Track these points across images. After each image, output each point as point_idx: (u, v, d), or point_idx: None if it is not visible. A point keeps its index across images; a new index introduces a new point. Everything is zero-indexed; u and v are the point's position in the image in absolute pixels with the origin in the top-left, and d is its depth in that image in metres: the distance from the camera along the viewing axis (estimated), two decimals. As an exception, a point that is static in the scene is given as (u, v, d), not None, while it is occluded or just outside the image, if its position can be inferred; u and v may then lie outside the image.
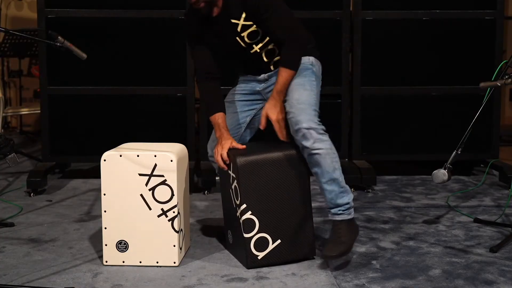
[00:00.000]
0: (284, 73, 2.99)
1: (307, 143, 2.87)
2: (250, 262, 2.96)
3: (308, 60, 3.08)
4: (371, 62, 4.84)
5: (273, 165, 2.96)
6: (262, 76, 3.15)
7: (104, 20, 4.68)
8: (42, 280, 2.79)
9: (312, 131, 2.86)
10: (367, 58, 4.83)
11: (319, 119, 2.93)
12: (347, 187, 3.01)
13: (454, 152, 3.03)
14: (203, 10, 3.00)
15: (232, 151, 3.00)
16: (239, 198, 2.96)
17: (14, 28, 4.58)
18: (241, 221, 2.96)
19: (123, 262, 2.99)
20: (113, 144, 3.30)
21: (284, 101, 3.00)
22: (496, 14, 4.81)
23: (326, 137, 2.90)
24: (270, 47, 3.07)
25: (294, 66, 3.02)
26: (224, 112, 3.13)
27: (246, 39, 3.03)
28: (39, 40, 2.83)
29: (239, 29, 3.02)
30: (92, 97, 4.74)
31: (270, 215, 2.96)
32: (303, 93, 2.96)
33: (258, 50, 3.07)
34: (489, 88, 3.22)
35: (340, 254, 2.90)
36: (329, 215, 3.02)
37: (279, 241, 2.98)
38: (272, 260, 2.96)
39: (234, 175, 2.98)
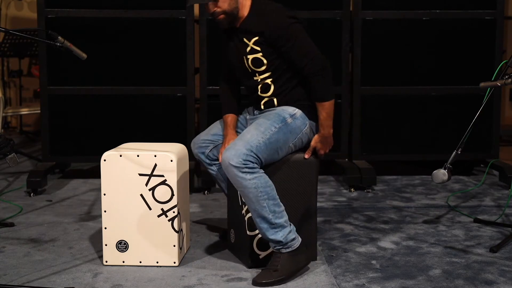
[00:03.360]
0: (320, 107, 2.95)
1: (230, 179, 2.81)
2: (251, 261, 2.96)
3: (292, 111, 2.97)
4: (371, 62, 4.84)
5: (281, 166, 2.96)
6: (256, 112, 3.12)
7: (104, 20, 4.68)
8: (42, 280, 2.79)
9: (231, 168, 2.75)
10: (367, 58, 4.83)
11: (250, 160, 2.76)
12: (283, 222, 2.82)
13: (454, 152, 3.02)
14: (223, 23, 2.95)
15: None
16: None
17: (14, 28, 4.57)
18: (245, 218, 2.96)
19: (123, 262, 2.99)
20: (113, 144, 3.30)
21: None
22: (496, 14, 4.81)
23: (249, 176, 2.76)
24: (267, 81, 2.99)
25: (326, 97, 2.93)
26: (236, 113, 3.15)
27: (250, 63, 2.98)
28: (39, 40, 2.82)
29: (247, 50, 2.97)
30: (92, 97, 4.74)
31: None
32: (251, 132, 2.86)
33: (259, 80, 3.01)
34: (489, 88, 3.22)
35: (269, 283, 2.75)
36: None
37: None
38: None
39: None
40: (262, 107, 3.05)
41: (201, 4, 2.94)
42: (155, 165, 2.95)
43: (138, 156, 2.96)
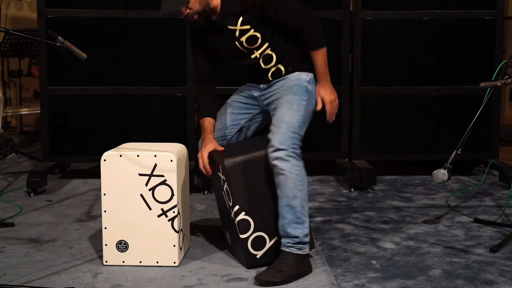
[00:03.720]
0: (316, 55, 2.99)
1: (274, 162, 2.84)
2: (250, 262, 2.96)
3: (306, 77, 3.03)
4: (371, 62, 4.84)
5: (261, 164, 2.94)
6: (262, 86, 3.11)
7: (104, 20, 4.68)
8: (42, 280, 2.79)
9: (280, 152, 2.82)
10: (367, 58, 4.83)
11: (296, 143, 2.87)
12: (306, 221, 2.89)
13: (454, 152, 3.03)
14: (198, 22, 2.98)
15: (219, 154, 3.00)
16: (231, 200, 2.96)
17: (14, 28, 4.57)
18: (236, 222, 2.96)
19: (123, 262, 2.99)
20: (113, 144, 3.30)
21: (272, 114, 3.00)
22: (496, 14, 4.81)
23: (295, 161, 2.84)
24: (267, 52, 3.02)
25: (320, 44, 2.99)
26: (213, 117, 3.14)
27: (245, 44, 2.99)
28: (39, 40, 2.82)
29: (237, 34, 2.98)
30: (92, 97, 4.74)
31: (264, 213, 2.96)
32: (287, 112, 2.91)
33: (258, 56, 3.03)
34: (489, 88, 3.22)
35: (271, 282, 2.76)
36: (281, 244, 2.92)
37: (276, 238, 2.98)
38: (271, 258, 2.96)
39: (224, 177, 2.98)
40: (271, 78, 3.06)
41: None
42: (155, 165, 2.95)
43: (138, 156, 2.96)
